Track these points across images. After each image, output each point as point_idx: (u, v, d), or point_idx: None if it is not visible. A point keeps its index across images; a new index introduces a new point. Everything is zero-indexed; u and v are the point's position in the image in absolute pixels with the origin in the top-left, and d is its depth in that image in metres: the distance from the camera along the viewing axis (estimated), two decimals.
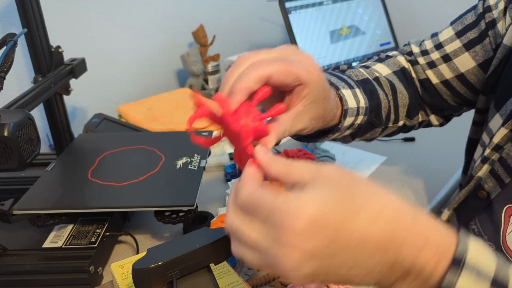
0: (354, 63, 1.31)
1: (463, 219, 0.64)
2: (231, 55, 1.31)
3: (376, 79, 0.65)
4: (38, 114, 1.02)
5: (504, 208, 0.56)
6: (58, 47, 0.83)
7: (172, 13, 1.32)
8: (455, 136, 0.81)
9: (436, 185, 0.85)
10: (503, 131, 0.56)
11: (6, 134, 0.56)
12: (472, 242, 0.34)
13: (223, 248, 0.46)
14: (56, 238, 0.66)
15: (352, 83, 0.59)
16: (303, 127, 0.47)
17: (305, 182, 0.34)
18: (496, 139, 0.57)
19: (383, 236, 0.32)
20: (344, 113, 0.55)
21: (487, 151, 0.58)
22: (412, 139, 1.03)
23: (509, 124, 0.55)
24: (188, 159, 0.76)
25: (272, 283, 0.62)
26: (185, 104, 1.14)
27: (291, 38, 1.24)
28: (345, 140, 0.64)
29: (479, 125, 0.66)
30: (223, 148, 0.97)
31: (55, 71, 0.82)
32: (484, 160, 0.59)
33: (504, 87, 0.59)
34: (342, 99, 0.55)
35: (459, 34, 0.66)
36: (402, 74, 0.69)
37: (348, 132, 0.60)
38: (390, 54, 0.73)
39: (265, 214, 0.33)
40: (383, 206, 0.33)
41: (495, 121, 0.59)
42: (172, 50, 1.34)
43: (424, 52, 0.69)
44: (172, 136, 0.86)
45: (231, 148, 0.75)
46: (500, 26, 0.61)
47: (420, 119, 0.72)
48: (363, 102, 0.58)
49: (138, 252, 0.69)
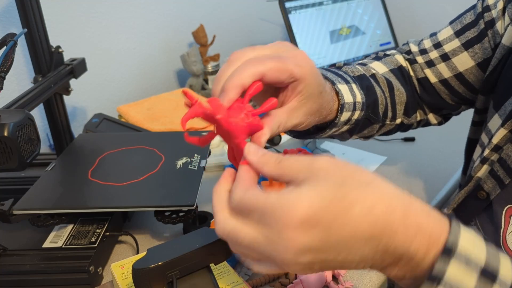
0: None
1: (463, 220, 0.64)
2: None
3: (373, 76, 0.65)
4: (38, 114, 1.02)
5: (505, 209, 0.56)
6: (58, 47, 0.83)
7: (172, 13, 1.32)
8: (455, 136, 0.81)
9: (436, 185, 0.85)
10: (502, 132, 0.56)
11: (6, 134, 0.56)
12: (464, 232, 0.34)
13: (223, 248, 0.46)
14: (56, 238, 0.66)
15: (349, 79, 0.59)
16: (298, 122, 0.47)
17: (299, 180, 0.34)
18: (495, 140, 0.57)
19: (376, 229, 0.32)
20: (340, 107, 0.55)
21: (486, 151, 0.58)
22: (412, 139, 1.03)
23: (508, 125, 0.55)
24: (188, 159, 0.76)
25: (272, 283, 0.62)
26: None
27: (291, 38, 1.24)
28: (343, 136, 0.64)
29: (478, 125, 0.66)
30: (223, 148, 0.97)
31: (55, 71, 0.82)
32: (484, 160, 0.59)
33: (503, 87, 0.59)
34: (338, 94, 0.55)
35: (458, 34, 0.66)
36: (399, 72, 0.70)
37: (345, 128, 0.59)
38: (388, 52, 0.73)
39: (258, 214, 0.33)
40: (376, 201, 0.33)
41: (494, 121, 0.59)
42: (172, 50, 1.34)
43: (423, 51, 0.69)
44: (172, 136, 0.86)
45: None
46: (499, 25, 0.61)
47: (418, 118, 0.72)
48: (359, 97, 0.58)
49: (138, 252, 0.69)
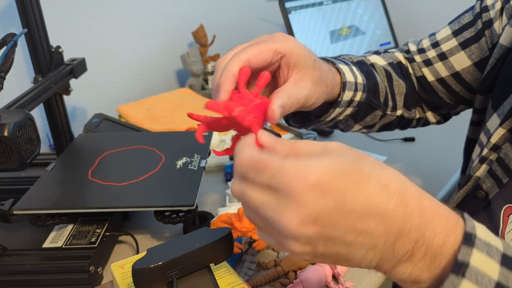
0: None
1: None
2: None
3: (372, 65, 0.66)
4: (38, 114, 1.02)
5: (503, 208, 0.56)
6: (58, 47, 0.83)
7: (172, 13, 1.32)
8: (455, 136, 0.81)
9: (436, 185, 0.85)
10: (501, 131, 0.56)
11: (6, 134, 0.56)
12: (476, 221, 0.34)
13: (223, 248, 0.46)
14: (56, 238, 0.66)
15: (348, 62, 0.61)
16: (307, 92, 0.48)
17: (314, 155, 0.34)
18: (493, 139, 0.57)
19: (389, 207, 0.32)
20: (343, 85, 0.56)
21: (485, 151, 0.58)
22: (412, 139, 1.03)
23: (506, 124, 0.55)
24: (188, 159, 0.76)
25: (272, 283, 0.62)
26: (185, 104, 1.14)
27: None
28: (347, 124, 0.64)
29: (477, 125, 0.67)
30: (223, 148, 0.97)
31: (55, 71, 0.82)
32: (482, 160, 0.59)
33: (501, 87, 0.59)
34: (340, 72, 0.56)
35: (455, 33, 0.66)
36: (398, 67, 0.70)
37: (349, 110, 0.60)
38: (389, 50, 0.73)
39: (270, 174, 0.32)
40: (392, 179, 0.33)
41: (493, 121, 0.59)
42: (172, 50, 1.34)
43: (421, 50, 0.70)
44: (172, 136, 0.86)
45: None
46: (496, 25, 0.62)
47: (418, 116, 0.72)
48: (360, 79, 0.59)
49: (138, 252, 0.69)
